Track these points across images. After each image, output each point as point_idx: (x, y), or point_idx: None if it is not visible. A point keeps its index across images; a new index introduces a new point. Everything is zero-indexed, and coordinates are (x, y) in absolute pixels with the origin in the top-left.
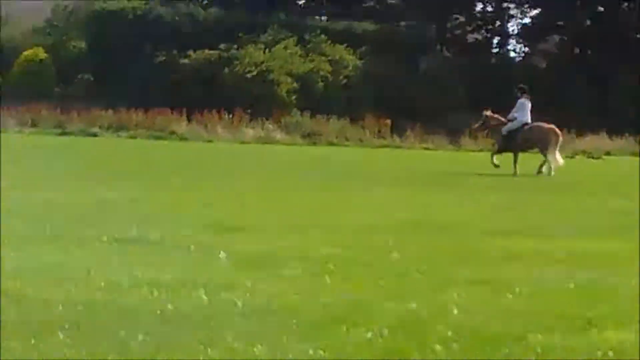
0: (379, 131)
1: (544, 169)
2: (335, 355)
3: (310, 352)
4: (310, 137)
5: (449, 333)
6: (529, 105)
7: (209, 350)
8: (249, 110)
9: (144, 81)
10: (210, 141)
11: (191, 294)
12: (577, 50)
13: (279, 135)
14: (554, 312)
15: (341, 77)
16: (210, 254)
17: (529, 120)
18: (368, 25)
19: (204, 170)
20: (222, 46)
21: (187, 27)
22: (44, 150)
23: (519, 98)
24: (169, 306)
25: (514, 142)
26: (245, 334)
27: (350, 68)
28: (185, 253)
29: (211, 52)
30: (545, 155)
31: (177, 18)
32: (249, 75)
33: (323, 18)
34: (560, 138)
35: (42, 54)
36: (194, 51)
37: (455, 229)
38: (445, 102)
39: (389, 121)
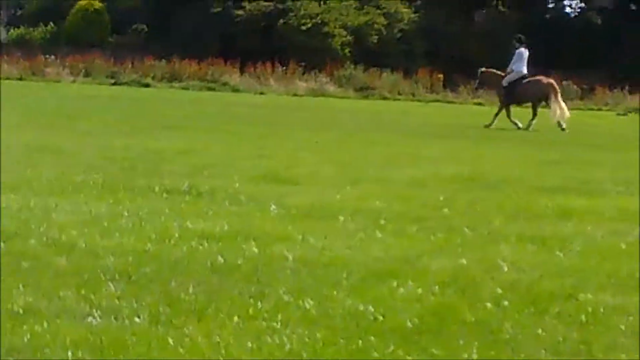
0: (432, 85)
1: (559, 122)
2: (385, 310)
3: (360, 307)
4: (363, 91)
5: (500, 290)
6: (526, 55)
7: (259, 303)
8: (302, 63)
9: (198, 32)
10: (262, 93)
11: (242, 246)
12: (633, 7)
13: (331, 88)
14: (605, 271)
15: (395, 31)
16: (262, 205)
17: (526, 72)
18: None
19: (256, 122)
20: None
21: None
22: (97, 101)
23: (516, 48)
24: (220, 258)
25: (514, 94)
26: (295, 288)
27: (405, 21)
28: (237, 204)
29: (266, 3)
30: (535, 113)
31: None
32: (303, 28)
33: None
34: (559, 92)
35: (97, 3)
36: (249, 2)
37: (506, 184)
38: (499, 57)
39: (441, 76)
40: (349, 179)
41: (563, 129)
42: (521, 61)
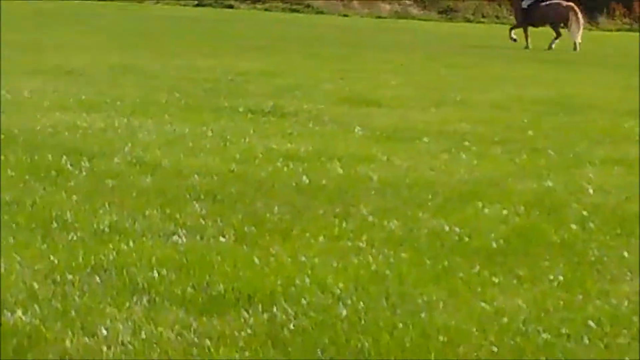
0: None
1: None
2: (471, 231)
3: (446, 227)
4: (447, 13)
5: (585, 212)
6: None
7: (344, 223)
8: None
9: None
10: (346, 15)
11: (326, 166)
12: None
13: (415, 10)
14: None
15: None
16: (346, 126)
17: None
18: None
19: (339, 44)
20: None
21: None
22: (180, 22)
23: None
24: (304, 178)
25: (532, 16)
26: (380, 208)
27: None
28: (321, 125)
29: None
30: (558, 33)
31: None
32: None
33: None
34: (580, 15)
35: None
36: None
37: (590, 108)
38: None
39: None
40: (432, 101)
41: (576, 49)
42: None
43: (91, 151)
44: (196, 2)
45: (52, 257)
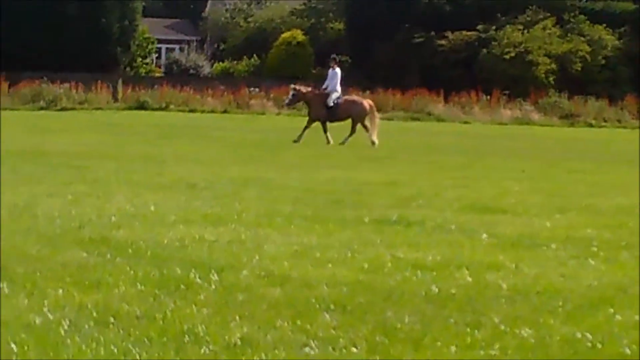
0: (639, 112)
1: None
2: (602, 338)
3: (577, 334)
4: (568, 118)
5: None
6: (339, 75)
7: (476, 332)
8: (506, 91)
9: (400, 62)
10: (467, 122)
11: (455, 275)
12: None
13: (536, 116)
14: None
15: (600, 58)
16: (472, 234)
17: (339, 91)
18: (627, 5)
19: (460, 151)
20: (479, 27)
21: (445, 8)
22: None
23: (332, 68)
24: (433, 287)
25: (335, 112)
26: (510, 316)
27: (609, 48)
28: (447, 234)
29: (469, 33)
30: (362, 126)
31: None
32: (506, 56)
33: None
34: (375, 111)
35: (300, 36)
36: (452, 32)
37: None
38: None
39: None
40: (556, 207)
41: (374, 144)
42: (334, 80)
43: (219, 264)
44: None
45: None
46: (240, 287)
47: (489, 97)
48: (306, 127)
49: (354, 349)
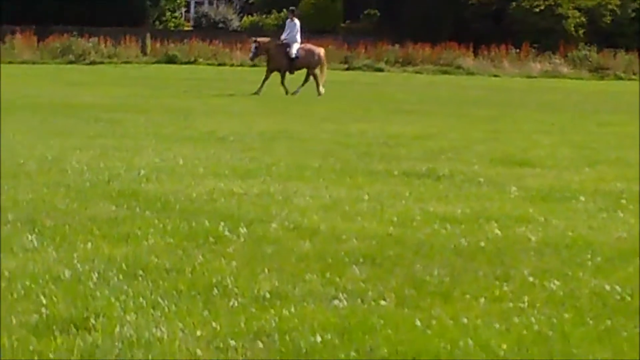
0: None
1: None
2: (632, 290)
3: (607, 286)
4: (597, 72)
5: None
6: (298, 25)
7: (505, 284)
8: (535, 45)
9: (430, 16)
10: (496, 75)
11: (484, 228)
12: None
13: (565, 69)
14: None
15: (629, 11)
16: (501, 188)
17: (299, 41)
18: None
19: (490, 104)
20: None
21: None
22: (331, 86)
23: (290, 19)
24: (463, 240)
25: (294, 62)
26: (539, 269)
27: (639, 1)
28: (476, 187)
29: None
30: (312, 75)
31: None
32: (536, 10)
33: None
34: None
35: None
36: None
37: None
38: None
39: None
40: (586, 160)
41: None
42: (293, 31)
43: (248, 217)
44: (346, 66)
45: (214, 324)
46: (269, 240)
47: (518, 50)
48: (265, 78)
49: (383, 302)
